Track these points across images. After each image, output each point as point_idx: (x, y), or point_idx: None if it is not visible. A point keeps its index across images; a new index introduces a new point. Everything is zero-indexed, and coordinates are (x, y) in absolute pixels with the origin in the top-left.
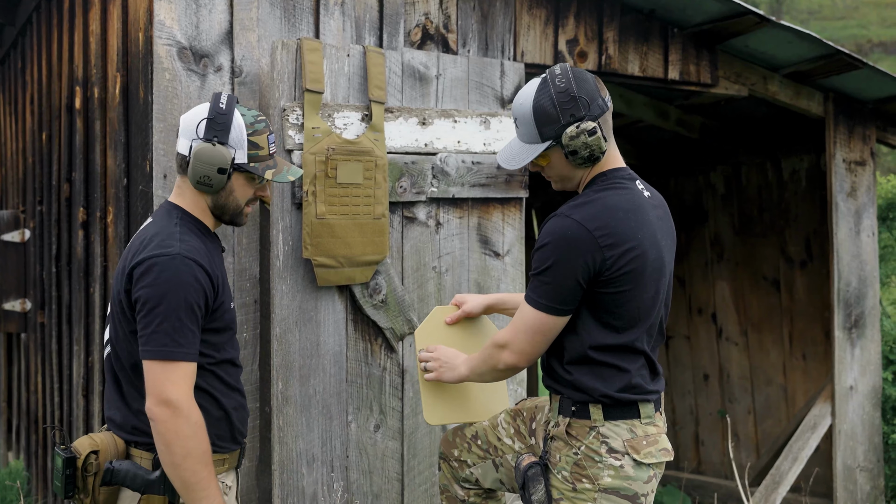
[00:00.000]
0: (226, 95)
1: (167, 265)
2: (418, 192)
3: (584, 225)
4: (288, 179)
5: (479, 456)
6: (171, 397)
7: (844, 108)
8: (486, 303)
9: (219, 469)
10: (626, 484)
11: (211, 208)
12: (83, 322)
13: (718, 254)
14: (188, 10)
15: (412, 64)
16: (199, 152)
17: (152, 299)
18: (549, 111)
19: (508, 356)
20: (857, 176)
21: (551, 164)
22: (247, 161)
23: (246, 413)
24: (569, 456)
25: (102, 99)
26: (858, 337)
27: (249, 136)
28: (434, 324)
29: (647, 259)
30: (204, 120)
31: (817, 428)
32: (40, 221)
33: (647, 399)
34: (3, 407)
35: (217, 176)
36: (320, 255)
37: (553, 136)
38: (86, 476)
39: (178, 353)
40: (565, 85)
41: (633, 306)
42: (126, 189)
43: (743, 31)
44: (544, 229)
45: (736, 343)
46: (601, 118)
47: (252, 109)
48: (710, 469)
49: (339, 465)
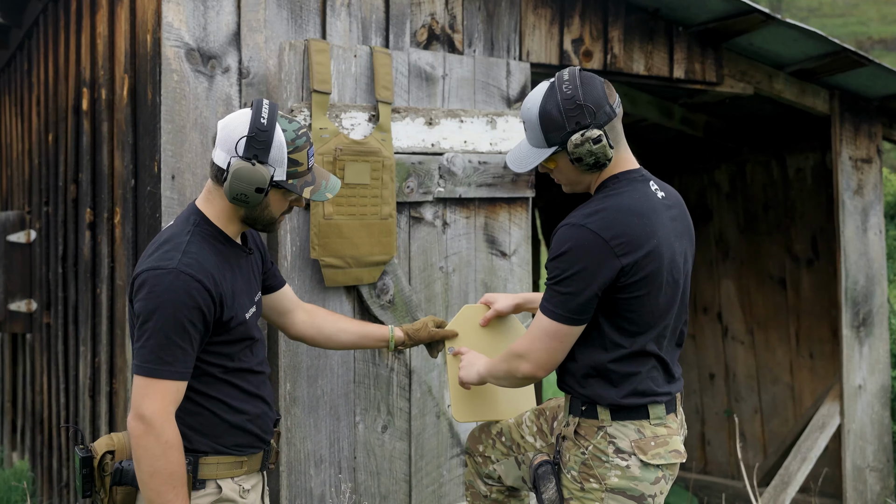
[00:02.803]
0: (267, 107)
1: (160, 280)
2: (425, 192)
3: (600, 234)
4: (326, 198)
5: (502, 453)
6: (146, 413)
7: (850, 106)
8: (515, 302)
9: (236, 472)
10: (633, 484)
11: (243, 219)
12: (89, 323)
13: (724, 252)
14: (196, 12)
15: (418, 64)
16: (237, 172)
17: (143, 314)
18: (554, 118)
19: (526, 366)
20: (863, 173)
21: (559, 169)
22: (286, 178)
23: (269, 418)
24: (577, 455)
25: (110, 100)
26: (866, 335)
27: (290, 154)
28: (465, 323)
29: (662, 262)
30: (244, 138)
31: (826, 427)
32: (46, 222)
33: (657, 401)
34: (8, 407)
35: (254, 195)
36: (328, 255)
37: (559, 142)
38: (103, 476)
39: (162, 370)
40: (572, 92)
41: (648, 310)
42: (134, 190)
43: (748, 29)
44: (559, 237)
45: (742, 342)
46: (608, 125)
47: (294, 121)
48: (716, 469)
49: (346, 466)
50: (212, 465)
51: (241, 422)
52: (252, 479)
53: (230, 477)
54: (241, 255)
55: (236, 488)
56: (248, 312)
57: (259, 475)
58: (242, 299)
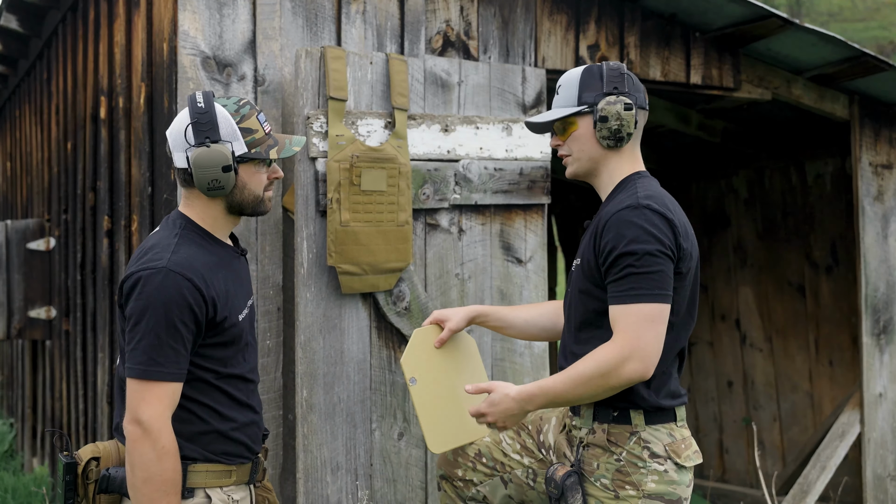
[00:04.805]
0: (201, 94)
1: (150, 280)
2: (441, 198)
3: (665, 214)
4: (293, 151)
5: (485, 474)
6: (143, 417)
7: (870, 111)
8: (468, 315)
9: (225, 481)
10: (671, 489)
11: (228, 209)
12: (107, 329)
13: (741, 259)
14: (212, 20)
15: (434, 71)
16: (197, 159)
17: (135, 315)
18: (596, 77)
19: (635, 366)
20: (883, 179)
21: (575, 136)
22: (247, 150)
23: (258, 429)
24: (609, 463)
25: (127, 108)
26: (887, 343)
27: (239, 124)
28: (420, 348)
29: (695, 256)
30: (189, 125)
31: (846, 436)
32: (65, 230)
33: (683, 402)
34: (29, 413)
35: (224, 175)
36: (344, 262)
37: (591, 101)
38: (86, 483)
39: (156, 372)
40: (618, 67)
41: (685, 305)
42: (150, 198)
43: (766, 34)
44: (623, 222)
45: (760, 349)
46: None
47: (232, 96)
48: (735, 477)
49: (363, 474)
50: (201, 473)
51: (229, 429)
52: (241, 491)
53: (219, 486)
54: (234, 257)
55: (225, 498)
56: (241, 314)
57: (247, 489)
58: (235, 301)
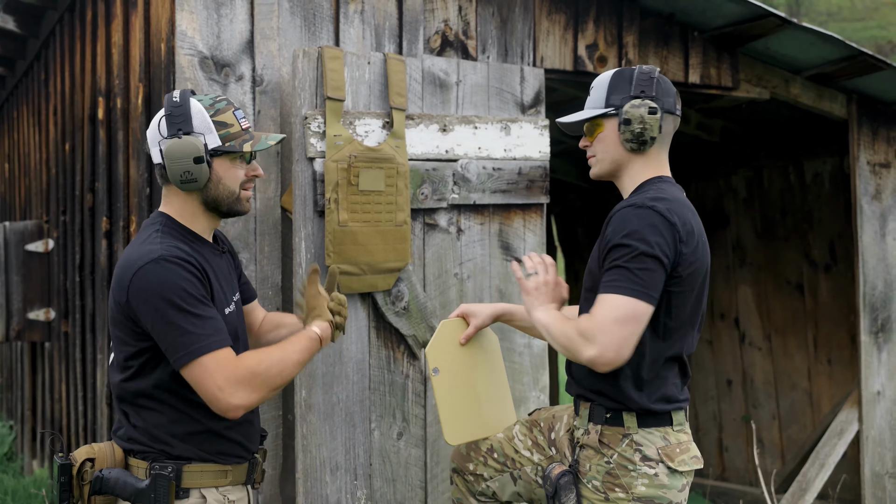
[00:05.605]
0: (178, 91)
1: (147, 273)
2: (439, 198)
3: (668, 217)
4: (268, 145)
5: (495, 469)
6: (220, 395)
7: (868, 110)
8: (494, 313)
9: (221, 481)
10: (661, 493)
11: (204, 205)
12: (107, 331)
13: (740, 258)
14: (209, 21)
15: (432, 71)
16: (169, 150)
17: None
18: (625, 79)
19: (591, 351)
20: (881, 178)
21: (601, 138)
22: (221, 143)
23: (253, 428)
24: (600, 465)
25: (125, 109)
26: (885, 341)
27: (213, 117)
28: (445, 340)
29: (703, 264)
30: (162, 118)
31: (844, 434)
32: (64, 231)
33: (680, 407)
34: (28, 415)
35: (196, 167)
36: (343, 262)
37: (617, 104)
38: (81, 484)
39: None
40: (649, 70)
41: (685, 311)
42: (149, 198)
43: (764, 33)
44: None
45: (759, 348)
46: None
47: (210, 94)
48: (734, 476)
49: (362, 473)
50: (196, 473)
51: (223, 428)
52: (237, 492)
53: (214, 486)
54: (216, 253)
55: (221, 499)
56: (227, 309)
57: (244, 490)
58: (221, 295)
